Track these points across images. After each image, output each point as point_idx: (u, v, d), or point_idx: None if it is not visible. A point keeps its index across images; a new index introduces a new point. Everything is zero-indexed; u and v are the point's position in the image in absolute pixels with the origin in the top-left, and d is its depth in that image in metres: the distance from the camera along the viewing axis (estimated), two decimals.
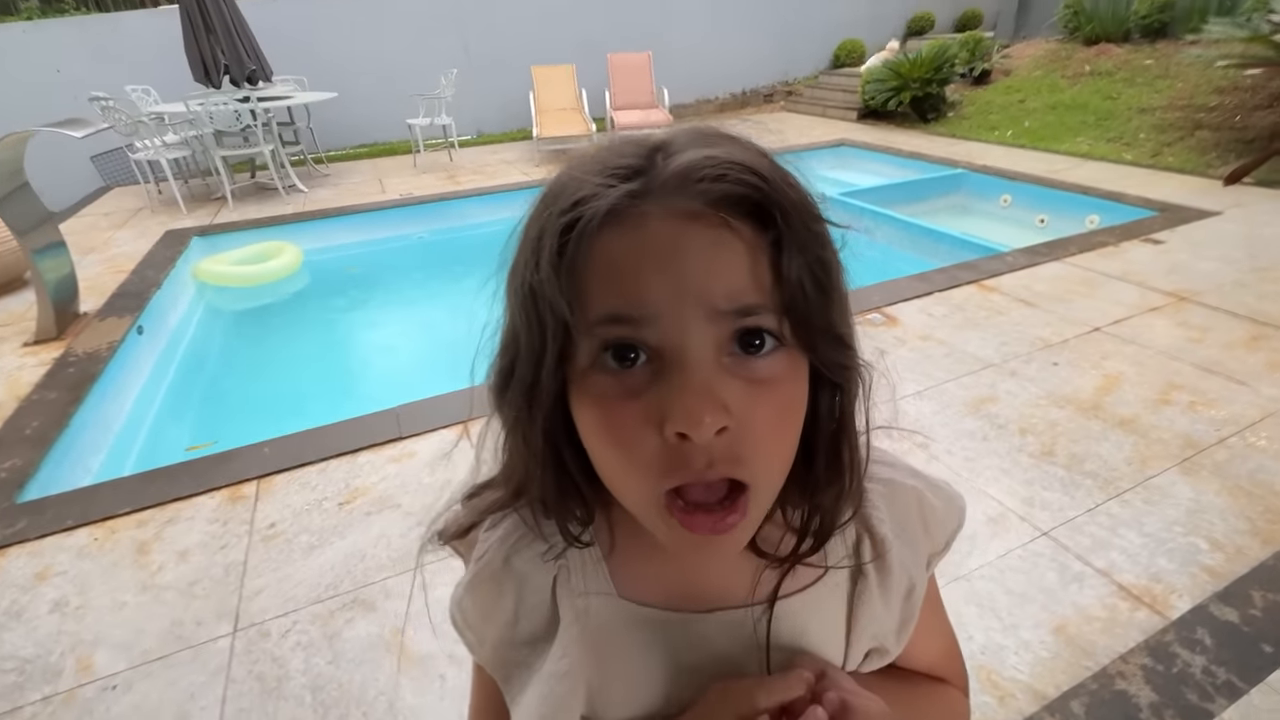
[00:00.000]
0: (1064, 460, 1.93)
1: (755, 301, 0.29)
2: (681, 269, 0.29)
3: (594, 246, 0.29)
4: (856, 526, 0.42)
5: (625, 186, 0.29)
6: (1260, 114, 5.04)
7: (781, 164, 0.32)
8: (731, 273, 0.29)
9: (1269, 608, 1.42)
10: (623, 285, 0.29)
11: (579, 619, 0.41)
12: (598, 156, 0.32)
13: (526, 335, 0.33)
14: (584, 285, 0.30)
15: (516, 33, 7.80)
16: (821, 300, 0.31)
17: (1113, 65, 6.43)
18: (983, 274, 3.25)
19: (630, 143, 0.33)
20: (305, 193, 5.68)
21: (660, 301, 0.29)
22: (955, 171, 5.31)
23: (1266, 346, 2.48)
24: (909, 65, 6.96)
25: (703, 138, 0.32)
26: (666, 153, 0.31)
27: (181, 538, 1.80)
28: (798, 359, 0.32)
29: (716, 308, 0.29)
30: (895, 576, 0.42)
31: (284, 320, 4.09)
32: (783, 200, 0.29)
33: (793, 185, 0.31)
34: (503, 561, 0.43)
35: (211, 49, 5.44)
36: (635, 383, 0.30)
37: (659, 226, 0.29)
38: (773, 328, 0.30)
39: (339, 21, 7.21)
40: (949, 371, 2.42)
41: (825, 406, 0.35)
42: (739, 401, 0.29)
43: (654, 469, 0.30)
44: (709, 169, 0.29)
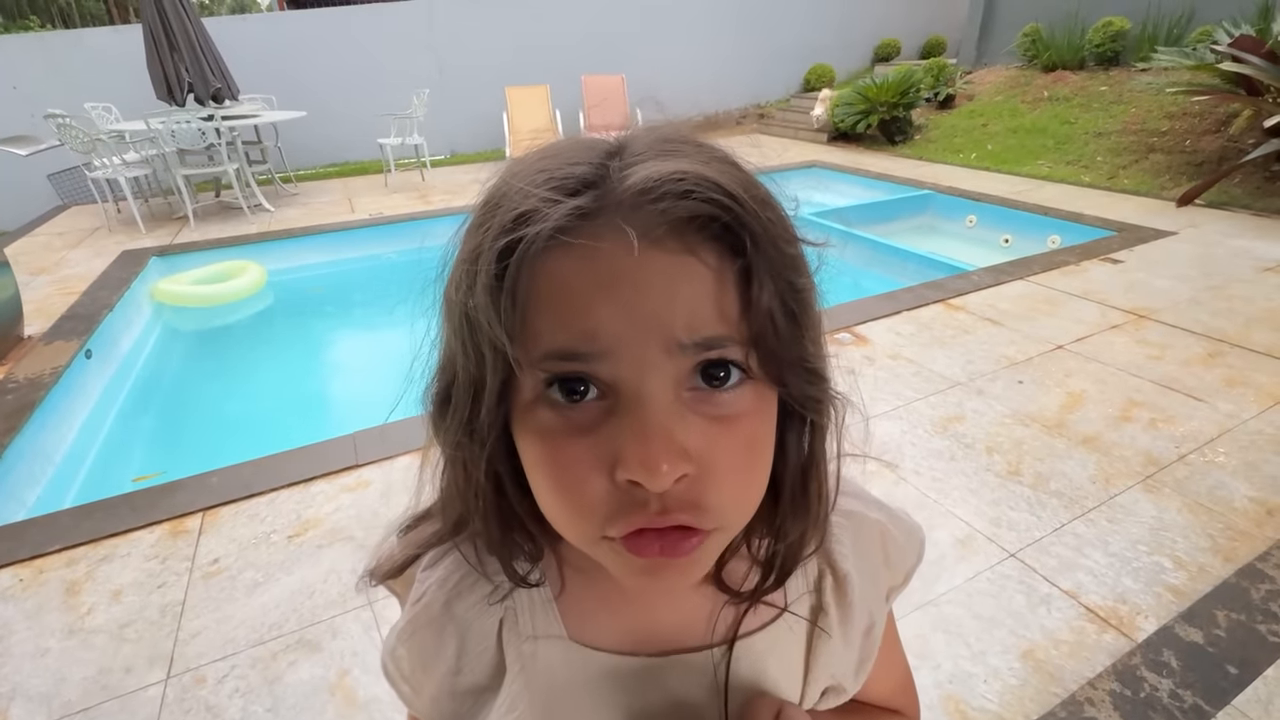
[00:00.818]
0: (1030, 479, 1.93)
1: (720, 333, 0.26)
2: (638, 299, 0.25)
3: (537, 271, 0.26)
4: (819, 561, 0.40)
5: (574, 202, 0.25)
6: (1208, 138, 5.25)
7: (752, 176, 0.29)
8: (694, 302, 0.26)
9: (1232, 627, 1.42)
10: (571, 317, 0.26)
11: (526, 667, 0.37)
12: (544, 163, 0.28)
13: (464, 364, 0.29)
14: (527, 315, 0.26)
15: (490, 53, 7.83)
16: (793, 331, 0.28)
17: (1069, 91, 6.66)
18: (949, 293, 3.29)
19: (581, 147, 0.28)
20: (272, 212, 5.57)
21: (613, 335, 0.25)
22: (922, 193, 5.42)
23: (1222, 363, 2.53)
24: (876, 90, 7.14)
25: (664, 144, 0.28)
26: (623, 161, 0.27)
27: (115, 576, 1.69)
28: (765, 392, 0.29)
29: (677, 340, 0.26)
30: (856, 613, 0.40)
31: (244, 343, 3.97)
32: (753, 223, 0.26)
33: (765, 202, 0.28)
34: (442, 606, 0.39)
35: (175, 66, 5.34)
36: (585, 419, 0.27)
37: (613, 250, 0.25)
38: (739, 360, 0.27)
39: (309, 40, 7.17)
40: (917, 390, 2.43)
41: (794, 439, 0.33)
42: (700, 442, 0.26)
43: (600, 513, 0.27)
44: (671, 184, 0.25)
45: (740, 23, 8.98)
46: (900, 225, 5.18)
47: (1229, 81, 4.70)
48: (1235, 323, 2.85)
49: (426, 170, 6.74)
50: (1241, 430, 2.11)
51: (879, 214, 5.13)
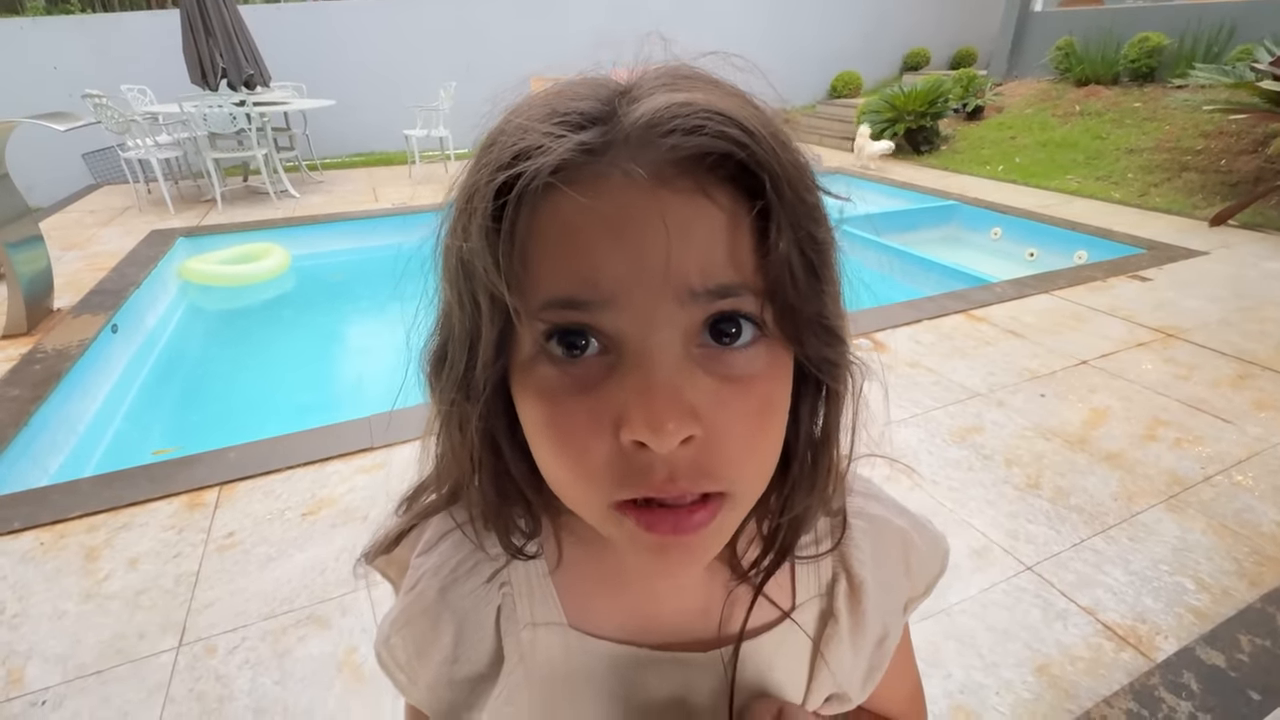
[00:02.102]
0: (1049, 493, 1.90)
1: (734, 280, 0.24)
2: (647, 241, 0.23)
3: (538, 212, 0.24)
4: (834, 563, 0.38)
5: (578, 137, 0.24)
6: (1245, 158, 5.14)
7: (771, 113, 0.27)
8: (707, 247, 0.24)
9: (1256, 653, 1.38)
10: (573, 262, 0.24)
11: (525, 656, 0.36)
12: (547, 99, 0.26)
13: (460, 316, 0.28)
14: (525, 260, 0.24)
15: (519, 48, 7.88)
16: (812, 285, 0.26)
17: (1102, 106, 6.56)
18: (972, 304, 3.24)
19: (588, 84, 0.27)
20: (297, 198, 5.64)
21: (618, 282, 0.24)
22: (947, 203, 5.36)
23: (1252, 385, 2.47)
24: (904, 99, 7.08)
25: (677, 79, 0.26)
26: (631, 97, 0.25)
27: (133, 545, 1.72)
28: (780, 352, 0.27)
29: (688, 287, 0.24)
30: (869, 622, 0.38)
31: (265, 324, 4.02)
32: (771, 163, 0.24)
33: (784, 144, 0.25)
34: (437, 593, 0.37)
35: (210, 52, 5.44)
36: (587, 375, 0.25)
37: (619, 189, 0.24)
38: (753, 313, 0.25)
39: (342, 30, 7.27)
40: (936, 399, 2.39)
41: (808, 407, 0.31)
42: (709, 403, 0.25)
43: (605, 478, 0.25)
44: (682, 118, 0.23)
45: (768, 25, 8.96)
46: (924, 235, 5.13)
47: (1269, 101, 4.59)
48: (1267, 345, 2.78)
49: (451, 163, 6.79)
50: (1271, 454, 2.06)
51: (903, 222, 5.09)
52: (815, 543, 0.37)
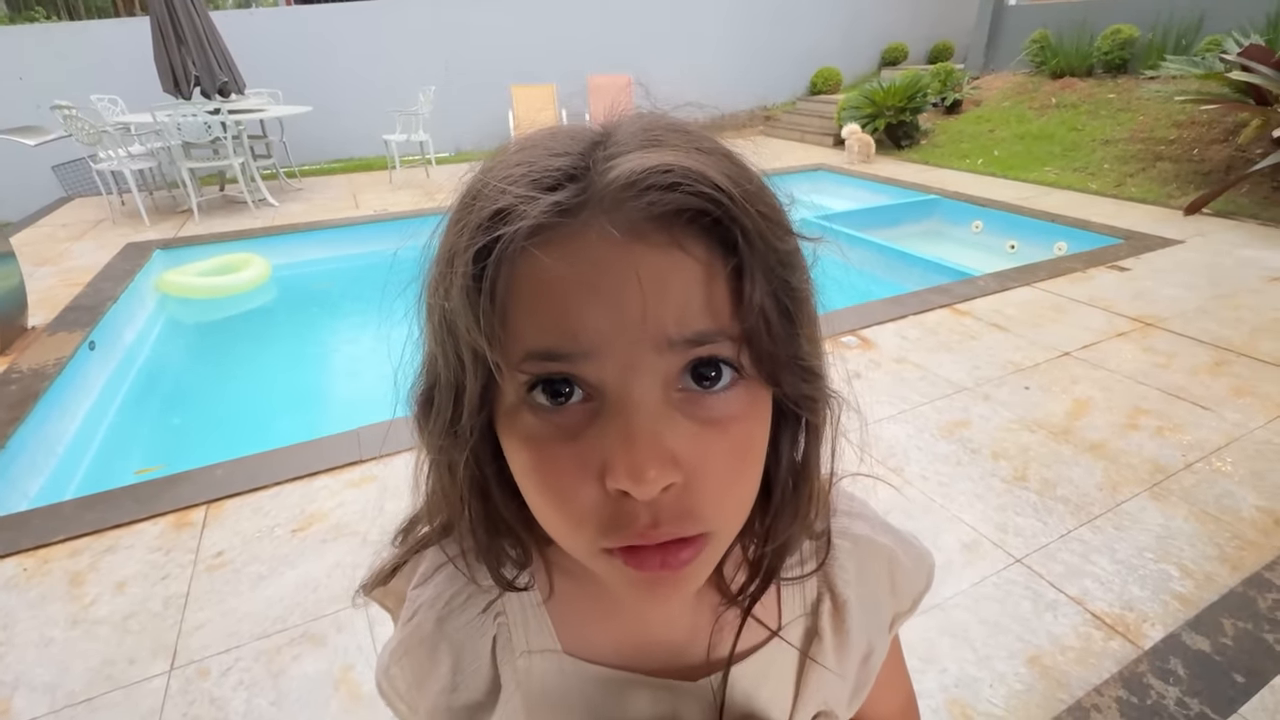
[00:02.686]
0: (1036, 485, 1.93)
1: (711, 328, 0.25)
2: (624, 295, 0.24)
3: (516, 271, 0.25)
4: (819, 584, 0.39)
5: (552, 198, 0.24)
6: (1216, 147, 5.24)
7: (743, 164, 0.27)
8: (683, 297, 0.24)
9: (1239, 636, 1.41)
10: (553, 317, 0.24)
11: (521, 683, 0.37)
12: (522, 155, 0.26)
13: (444, 367, 0.29)
14: (506, 316, 0.25)
15: (496, 53, 7.84)
16: (788, 329, 0.27)
17: (1077, 98, 6.66)
18: (955, 298, 3.28)
19: (563, 137, 0.27)
20: (276, 207, 5.57)
21: (598, 335, 0.24)
22: (929, 197, 5.41)
23: (1229, 372, 2.52)
24: (883, 94, 7.14)
25: (650, 133, 0.26)
26: (606, 151, 0.26)
27: (119, 568, 1.69)
28: (759, 391, 0.28)
29: (666, 337, 0.24)
30: (853, 640, 0.39)
31: (248, 337, 3.96)
32: (744, 218, 0.24)
33: (757, 196, 0.26)
34: (434, 624, 0.38)
35: (182, 60, 5.35)
36: (570, 422, 0.26)
37: (596, 245, 0.24)
38: (730, 357, 0.26)
39: (317, 35, 7.18)
40: (923, 395, 2.42)
41: (788, 439, 0.32)
42: (690, 447, 0.25)
43: (592, 523, 0.26)
44: (656, 177, 0.24)
45: (746, 25, 8.98)
46: (906, 230, 5.17)
47: (1238, 91, 4.69)
48: (1242, 332, 2.84)
49: (431, 168, 6.74)
50: (1249, 440, 2.11)
51: (885, 218, 5.13)
52: (800, 563, 0.37)
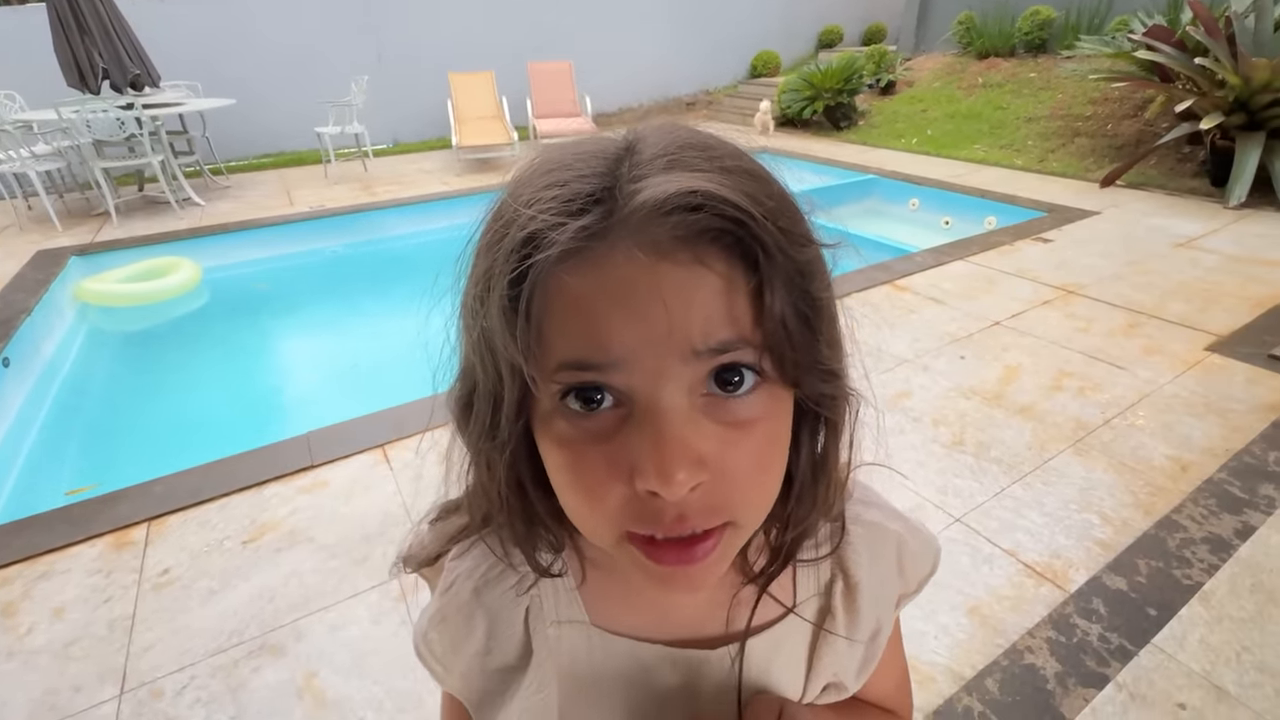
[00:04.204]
0: (972, 448, 2.05)
1: (733, 337, 0.26)
2: (650, 310, 0.25)
3: (550, 289, 0.26)
4: (833, 565, 0.42)
5: (579, 223, 0.25)
6: (1127, 123, 5.58)
7: (763, 178, 0.29)
8: (707, 310, 0.26)
9: (1152, 574, 1.55)
10: (585, 330, 0.26)
11: (553, 650, 0.40)
12: (549, 176, 0.27)
13: (483, 378, 0.30)
14: (541, 332, 0.26)
15: (432, 39, 7.60)
16: (808, 336, 0.28)
17: (1001, 78, 6.95)
18: (896, 274, 3.41)
19: (587, 156, 0.28)
20: (202, 206, 5.29)
21: (627, 346, 0.26)
22: (867, 177, 5.58)
23: (1141, 333, 2.72)
24: (821, 76, 7.28)
25: (674, 152, 0.27)
26: (631, 172, 0.27)
27: (55, 594, 1.61)
28: (781, 393, 0.29)
29: (691, 347, 0.26)
30: (864, 619, 0.42)
31: (181, 344, 3.77)
32: (765, 235, 0.26)
33: (778, 211, 0.27)
34: (471, 593, 0.41)
35: (87, 51, 4.98)
36: (602, 427, 0.27)
37: (623, 265, 0.25)
38: (753, 363, 0.27)
39: (237, 23, 6.79)
40: (868, 369, 2.52)
41: (808, 435, 0.34)
42: (716, 448, 0.27)
43: (620, 517, 0.28)
44: (682, 200, 0.25)
45: (686, 10, 8.97)
46: (848, 210, 5.33)
47: (1144, 69, 5.00)
48: (1152, 296, 3.06)
49: (369, 160, 6.51)
50: (1159, 395, 2.29)
51: (827, 198, 5.20)
52: (815, 546, 0.40)
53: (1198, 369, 2.43)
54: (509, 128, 6.54)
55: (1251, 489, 1.81)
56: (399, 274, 4.80)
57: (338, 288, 4.62)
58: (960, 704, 1.28)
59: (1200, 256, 3.51)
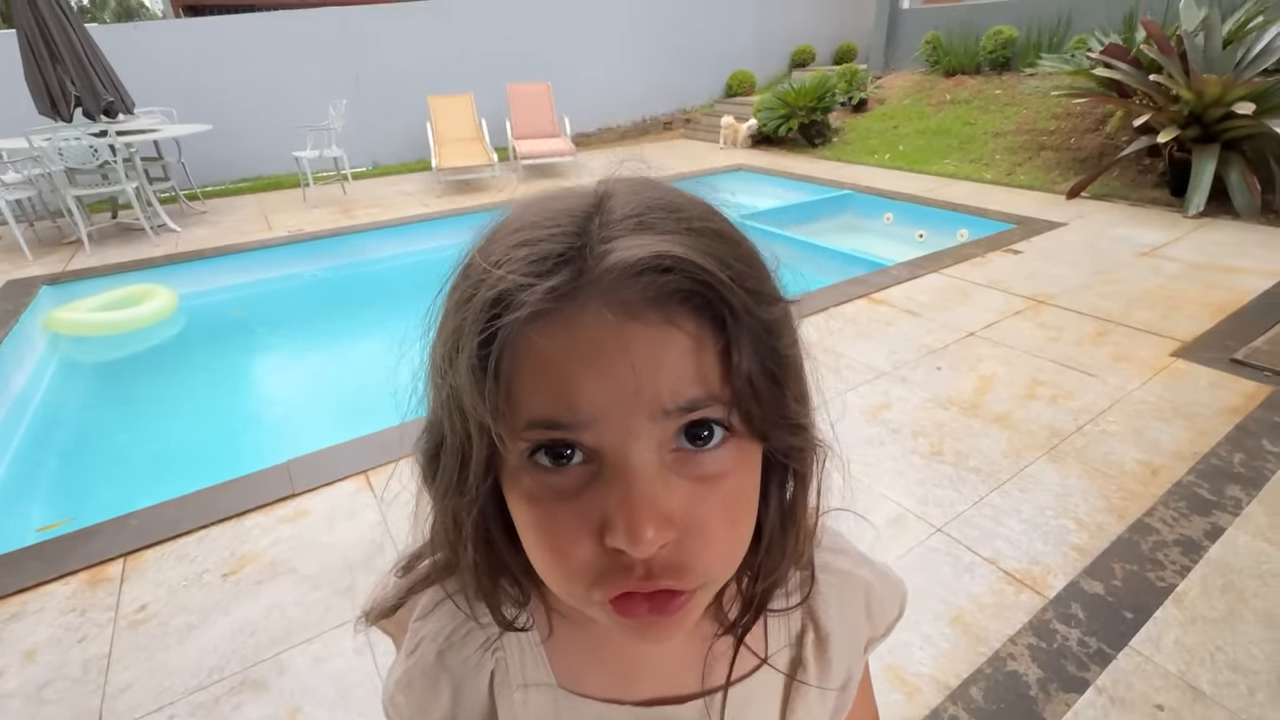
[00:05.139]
0: (951, 458, 2.08)
1: (701, 395, 0.26)
2: (620, 370, 0.25)
3: (519, 349, 0.26)
4: (803, 616, 0.42)
5: (550, 284, 0.25)
6: (1089, 136, 5.77)
7: (732, 238, 0.29)
8: (676, 369, 0.26)
9: (1127, 577, 1.59)
10: (554, 389, 0.26)
11: (518, 715, 0.39)
12: (518, 235, 0.27)
13: (450, 433, 0.30)
14: (510, 391, 0.26)
15: (410, 62, 7.65)
16: (775, 392, 0.28)
17: (969, 94, 7.17)
18: (872, 288, 3.48)
19: (557, 213, 0.28)
20: (178, 232, 5.23)
21: (597, 405, 0.26)
22: (843, 193, 5.69)
23: (1109, 341, 2.80)
24: (795, 95, 7.44)
25: (643, 213, 0.27)
26: (603, 230, 0.27)
27: (27, 635, 1.57)
28: (749, 446, 0.29)
29: (660, 406, 0.26)
30: (835, 669, 0.43)
31: (156, 373, 3.71)
32: (732, 297, 0.26)
33: (745, 272, 0.28)
34: (436, 657, 0.40)
35: (59, 78, 4.93)
36: (571, 483, 0.27)
37: (594, 324, 0.25)
38: (721, 418, 0.27)
39: (212, 49, 6.78)
40: (847, 382, 2.56)
41: (776, 486, 0.34)
42: (684, 504, 0.27)
43: (589, 574, 0.28)
44: (653, 268, 0.25)
45: (662, 31, 9.14)
46: (824, 225, 5.43)
47: (1103, 85, 5.19)
48: (1119, 304, 3.16)
49: (348, 183, 6.50)
50: (1128, 400, 2.35)
51: (804, 214, 5.36)
52: (786, 595, 0.40)
53: (1164, 374, 2.51)
54: (489, 149, 6.58)
55: (1219, 490, 1.87)
56: (379, 297, 4.78)
57: (317, 312, 4.58)
58: (946, 714, 1.29)
59: (1163, 265, 3.63)
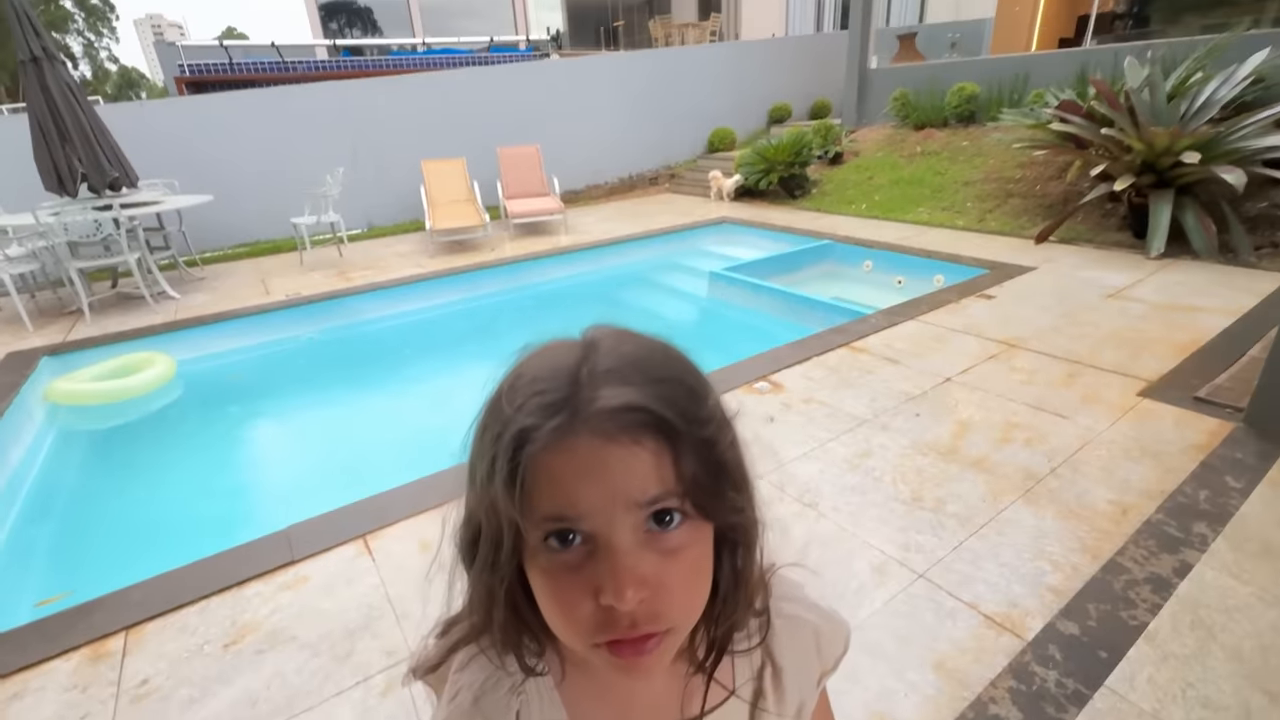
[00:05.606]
0: (931, 504, 2.16)
1: (662, 492, 0.37)
2: (605, 479, 0.37)
3: (537, 467, 0.37)
4: (762, 654, 0.53)
5: (555, 423, 0.37)
6: (1053, 184, 6.07)
7: (687, 382, 0.40)
8: (643, 477, 0.37)
9: (1101, 617, 1.65)
10: (561, 494, 0.37)
11: None
12: (534, 386, 0.39)
13: (487, 527, 0.41)
14: (530, 496, 0.37)
15: (405, 130, 7.98)
16: (717, 486, 0.40)
17: (938, 146, 7.53)
18: (852, 336, 3.61)
19: (556, 371, 0.39)
20: (177, 299, 5.36)
21: (590, 504, 0.37)
22: (823, 243, 5.92)
23: (1079, 383, 2.92)
24: (774, 150, 7.80)
25: (621, 369, 0.38)
26: (591, 378, 0.38)
27: (28, 714, 1.58)
28: (701, 525, 0.40)
29: (634, 501, 0.37)
30: (789, 697, 0.54)
31: (155, 441, 3.75)
32: (680, 426, 0.37)
33: (694, 411, 0.39)
34: (472, 702, 0.50)
35: (66, 157, 5.14)
36: (575, 560, 0.38)
37: (584, 449, 0.37)
38: (677, 507, 0.38)
39: (216, 122, 7.08)
40: (830, 431, 2.65)
41: (727, 553, 0.45)
42: (655, 571, 0.37)
43: (590, 627, 0.38)
44: (624, 410, 0.37)
45: (649, 94, 9.60)
46: (806, 274, 5.62)
47: (1060, 138, 5.50)
48: (1087, 345, 3.30)
49: (344, 245, 6.69)
50: (1098, 441, 2.45)
51: (787, 265, 5.56)
52: (748, 638, 0.52)
53: (1132, 414, 2.62)
54: (480, 210, 6.82)
55: (1186, 528, 1.95)
56: (376, 358, 4.88)
57: (314, 375, 4.66)
58: None
59: (1128, 306, 3.80)
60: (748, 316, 4.86)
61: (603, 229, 7.23)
